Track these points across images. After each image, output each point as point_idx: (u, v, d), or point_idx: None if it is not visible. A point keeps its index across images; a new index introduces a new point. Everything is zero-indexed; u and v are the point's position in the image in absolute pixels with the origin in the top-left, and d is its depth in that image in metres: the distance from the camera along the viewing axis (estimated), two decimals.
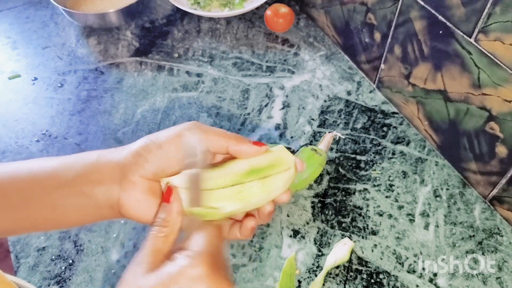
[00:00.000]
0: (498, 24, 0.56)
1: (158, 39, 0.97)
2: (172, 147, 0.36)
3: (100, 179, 0.36)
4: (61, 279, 0.63)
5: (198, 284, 0.31)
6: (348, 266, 0.63)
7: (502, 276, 0.62)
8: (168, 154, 0.36)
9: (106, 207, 0.37)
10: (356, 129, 0.80)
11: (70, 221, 0.38)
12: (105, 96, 0.86)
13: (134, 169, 0.36)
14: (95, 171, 0.36)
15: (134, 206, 0.36)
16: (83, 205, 0.36)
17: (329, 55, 0.93)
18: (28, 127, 0.81)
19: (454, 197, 0.70)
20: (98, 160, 0.37)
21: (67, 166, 0.37)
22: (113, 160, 0.36)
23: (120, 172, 0.36)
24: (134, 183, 0.36)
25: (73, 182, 0.36)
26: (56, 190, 0.36)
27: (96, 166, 0.36)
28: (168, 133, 0.37)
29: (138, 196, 0.36)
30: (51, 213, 0.37)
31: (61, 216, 0.37)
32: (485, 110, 0.63)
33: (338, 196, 0.71)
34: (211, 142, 0.37)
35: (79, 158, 0.38)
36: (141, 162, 0.36)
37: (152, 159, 0.36)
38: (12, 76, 0.90)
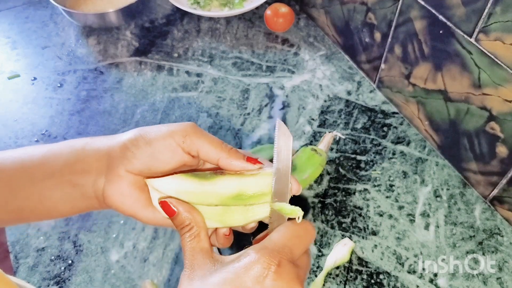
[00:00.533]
0: (499, 24, 0.56)
1: (158, 39, 0.97)
2: (160, 146, 0.35)
3: (86, 169, 0.35)
4: (61, 279, 0.62)
5: (260, 280, 0.30)
6: (348, 267, 0.63)
7: (503, 277, 0.62)
8: (156, 152, 0.35)
9: (92, 198, 0.36)
10: (356, 129, 0.80)
11: (57, 212, 0.38)
12: (105, 96, 0.86)
13: (121, 162, 0.35)
14: (82, 160, 0.36)
15: (119, 199, 0.35)
16: (70, 196, 0.36)
17: (329, 55, 0.93)
18: (27, 127, 0.81)
19: (454, 197, 0.70)
20: (85, 149, 0.36)
21: (55, 154, 0.36)
22: (101, 150, 0.36)
23: (106, 163, 0.35)
24: (119, 176, 0.35)
25: (60, 172, 0.35)
26: (43, 180, 0.36)
27: (83, 154, 0.36)
28: (160, 131, 0.36)
29: (123, 189, 0.35)
30: (38, 204, 0.36)
31: (48, 207, 0.37)
32: (485, 110, 0.63)
33: (338, 196, 0.71)
34: (203, 150, 0.36)
35: (66, 145, 0.37)
36: (128, 156, 0.35)
37: (140, 156, 0.35)
38: (11, 76, 0.90)
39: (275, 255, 0.31)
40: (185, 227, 0.35)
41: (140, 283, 0.62)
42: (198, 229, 0.35)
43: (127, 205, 0.36)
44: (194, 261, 0.33)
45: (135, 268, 0.63)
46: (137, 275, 0.63)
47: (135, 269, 0.63)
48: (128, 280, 0.62)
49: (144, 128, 0.37)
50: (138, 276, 0.63)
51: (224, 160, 0.36)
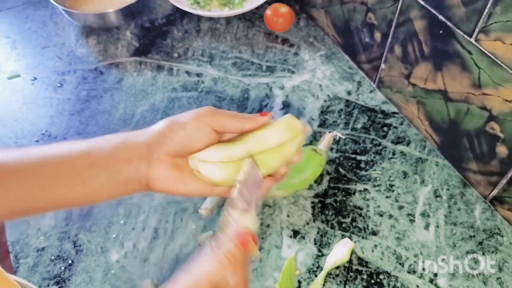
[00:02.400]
0: (499, 24, 0.56)
1: (158, 39, 0.97)
2: (193, 128, 0.41)
3: (129, 158, 0.40)
4: (61, 279, 0.62)
5: None
6: (348, 267, 0.63)
7: (503, 277, 0.62)
8: (189, 134, 0.41)
9: (135, 182, 0.40)
10: (356, 129, 0.80)
11: (100, 196, 0.41)
12: (105, 96, 0.86)
13: (159, 147, 0.40)
14: (124, 151, 0.40)
15: (161, 180, 0.40)
16: (113, 182, 0.40)
17: (329, 55, 0.93)
18: (27, 127, 0.81)
19: (454, 197, 0.70)
20: (126, 141, 0.40)
21: (96, 148, 0.40)
22: (140, 141, 0.40)
23: (147, 150, 0.40)
24: (160, 160, 0.40)
25: (103, 161, 0.39)
26: (87, 169, 0.39)
27: (124, 146, 0.40)
28: (189, 115, 0.42)
29: (164, 171, 0.40)
30: (82, 189, 0.39)
31: (92, 192, 0.40)
32: (485, 110, 0.63)
33: (338, 196, 0.71)
34: (228, 124, 0.42)
35: (107, 140, 0.41)
36: (166, 141, 0.40)
37: (176, 138, 0.40)
38: (11, 76, 0.90)
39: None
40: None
41: (140, 283, 0.62)
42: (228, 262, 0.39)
43: (170, 184, 0.41)
44: None
45: (135, 268, 0.63)
46: (137, 275, 0.63)
47: (135, 269, 0.63)
48: (128, 280, 0.62)
49: (174, 116, 0.42)
50: (138, 276, 0.63)
51: (246, 126, 0.43)
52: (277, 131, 0.44)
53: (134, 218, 0.69)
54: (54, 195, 0.39)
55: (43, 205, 0.40)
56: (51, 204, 0.40)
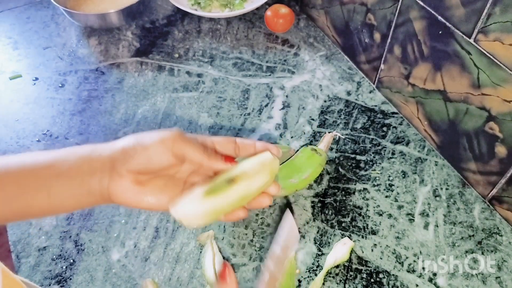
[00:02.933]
0: (498, 24, 0.56)
1: (159, 39, 0.98)
2: (154, 151, 0.41)
3: (92, 171, 0.40)
4: (62, 278, 0.63)
5: None
6: (348, 266, 0.64)
7: (502, 276, 0.62)
8: (150, 156, 0.41)
9: (97, 195, 0.41)
10: (356, 129, 0.80)
11: (64, 207, 0.41)
12: (106, 96, 0.86)
13: (122, 163, 0.40)
14: (87, 163, 0.40)
15: (122, 194, 0.41)
16: (76, 193, 0.40)
17: (329, 55, 0.93)
18: (29, 127, 0.81)
19: (453, 197, 0.71)
20: (91, 154, 0.41)
21: (61, 159, 0.41)
22: (104, 155, 0.41)
23: (109, 164, 0.40)
24: (121, 175, 0.40)
25: (68, 172, 0.40)
26: (51, 179, 0.39)
27: (89, 159, 0.41)
28: (153, 138, 0.42)
29: (125, 186, 0.40)
30: (46, 200, 0.40)
31: (56, 203, 0.40)
32: (484, 110, 0.63)
33: (338, 196, 0.71)
34: (188, 155, 0.42)
35: (72, 151, 0.41)
36: (128, 158, 0.41)
37: (137, 158, 0.41)
38: (13, 76, 0.90)
39: None
40: None
41: (141, 282, 0.62)
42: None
43: (130, 197, 0.41)
44: None
45: (136, 267, 0.64)
46: (138, 274, 0.63)
47: (136, 268, 0.64)
48: (129, 279, 0.63)
49: (139, 135, 0.42)
50: (139, 275, 0.63)
51: (206, 163, 0.42)
52: (260, 177, 0.43)
53: (135, 218, 0.69)
54: (19, 206, 0.39)
55: (7, 216, 0.41)
56: (15, 215, 0.41)
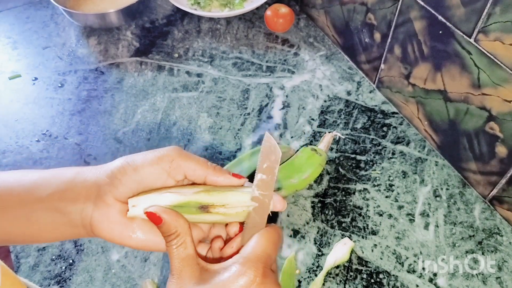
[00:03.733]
0: (498, 24, 0.56)
1: (158, 39, 0.98)
2: (148, 172, 0.36)
3: (75, 198, 0.36)
4: (61, 279, 0.63)
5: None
6: (348, 266, 0.63)
7: (502, 276, 0.62)
8: (142, 178, 0.36)
9: (79, 226, 0.36)
10: (356, 129, 0.80)
11: (44, 237, 0.38)
12: (105, 96, 0.86)
13: (109, 190, 0.36)
14: (71, 189, 0.36)
15: (107, 226, 0.36)
16: (57, 222, 0.36)
17: (329, 55, 0.93)
18: (28, 127, 0.81)
19: (454, 197, 0.71)
20: (75, 178, 0.37)
21: (45, 182, 0.37)
22: (89, 179, 0.37)
23: (95, 192, 0.36)
24: (107, 204, 0.36)
25: (49, 198, 0.36)
26: (32, 204, 0.36)
27: (72, 184, 0.37)
28: (145, 157, 0.37)
29: (112, 217, 0.36)
30: (26, 227, 0.37)
31: (35, 231, 0.37)
32: (485, 110, 0.63)
33: (338, 196, 0.71)
34: (189, 171, 0.37)
35: (57, 174, 0.38)
36: (116, 183, 0.36)
37: (126, 182, 0.36)
38: (12, 76, 0.90)
39: (259, 265, 0.33)
40: (171, 235, 0.35)
41: (140, 283, 0.62)
42: (184, 236, 0.35)
43: (116, 232, 0.36)
44: (181, 268, 0.34)
45: (135, 268, 0.64)
46: (138, 274, 0.63)
47: (135, 269, 0.64)
48: (129, 280, 0.62)
49: (131, 156, 0.37)
50: (139, 275, 0.63)
51: (211, 177, 0.38)
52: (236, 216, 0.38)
53: None
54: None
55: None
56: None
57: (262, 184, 0.37)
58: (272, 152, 0.38)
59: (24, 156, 0.77)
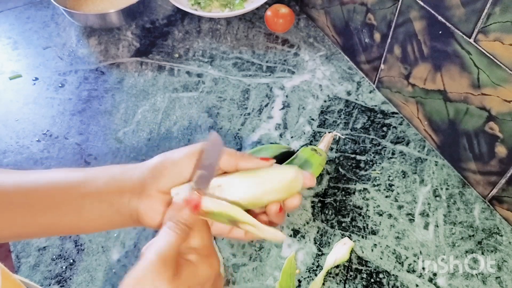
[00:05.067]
0: (498, 24, 0.56)
1: (159, 39, 0.98)
2: (185, 165, 0.39)
3: (122, 191, 0.39)
4: (62, 278, 0.63)
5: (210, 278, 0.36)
6: (348, 266, 0.64)
7: (502, 276, 0.62)
8: (181, 171, 0.39)
9: (127, 215, 0.40)
10: (356, 129, 0.80)
11: (93, 227, 0.41)
12: (106, 96, 0.86)
13: (151, 183, 0.39)
14: (117, 184, 0.40)
15: (151, 216, 0.39)
16: (106, 212, 0.39)
17: (329, 55, 0.93)
18: (29, 127, 0.81)
19: (453, 197, 0.71)
20: (121, 174, 0.40)
21: (91, 178, 0.40)
22: (134, 175, 0.40)
23: (139, 185, 0.39)
24: (151, 196, 0.39)
25: (98, 192, 0.39)
26: (81, 198, 0.39)
27: (119, 179, 0.40)
28: (182, 152, 0.40)
29: (155, 207, 0.39)
30: (75, 218, 0.39)
31: (84, 222, 0.40)
32: (484, 110, 0.63)
33: (338, 195, 0.71)
34: (222, 161, 0.40)
35: (103, 171, 0.41)
36: (157, 176, 0.39)
37: (167, 174, 0.39)
38: (13, 76, 0.90)
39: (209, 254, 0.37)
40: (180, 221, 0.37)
41: None
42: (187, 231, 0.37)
43: (159, 220, 0.39)
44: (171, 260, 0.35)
45: None
46: None
47: None
48: None
49: (168, 152, 0.41)
50: None
51: (242, 164, 0.40)
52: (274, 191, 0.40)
53: None
54: (46, 223, 0.39)
55: (34, 232, 0.41)
56: (42, 231, 0.41)
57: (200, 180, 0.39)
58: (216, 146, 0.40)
59: (24, 156, 0.77)
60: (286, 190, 0.40)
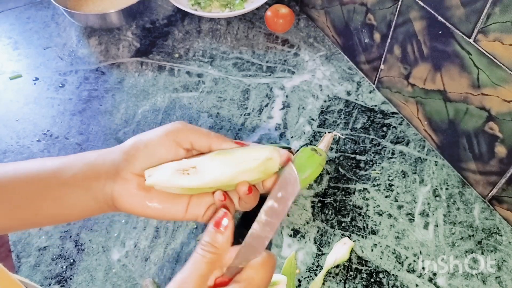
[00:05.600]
0: (498, 24, 0.56)
1: (159, 39, 0.98)
2: (158, 145, 0.39)
3: (97, 176, 0.39)
4: (62, 278, 0.63)
5: None
6: (348, 266, 0.64)
7: (502, 276, 0.62)
8: (154, 152, 0.39)
9: (102, 201, 0.39)
10: (356, 129, 0.80)
11: (71, 215, 0.41)
12: (106, 96, 0.87)
13: (125, 166, 0.39)
14: (93, 169, 0.39)
15: (126, 199, 0.39)
16: (82, 199, 0.39)
17: (329, 55, 0.93)
18: (29, 127, 0.81)
19: (453, 197, 0.71)
20: (96, 160, 0.40)
21: (68, 166, 0.40)
22: (108, 159, 0.40)
23: (114, 169, 0.39)
24: (125, 179, 0.39)
25: (73, 179, 0.39)
26: (58, 187, 0.39)
27: (94, 164, 0.39)
28: (155, 132, 0.40)
29: (129, 190, 0.39)
30: (53, 208, 0.39)
31: (63, 211, 0.40)
32: (484, 110, 0.63)
33: (338, 195, 0.71)
34: (195, 141, 0.40)
35: (79, 158, 0.40)
36: (130, 159, 0.39)
37: (140, 157, 0.39)
38: (13, 76, 0.90)
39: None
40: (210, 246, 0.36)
41: (141, 282, 0.62)
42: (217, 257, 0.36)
43: (135, 203, 0.39)
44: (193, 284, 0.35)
45: (136, 267, 0.64)
46: (139, 274, 0.63)
47: (136, 268, 0.64)
48: (129, 279, 0.63)
49: (141, 134, 0.40)
50: (139, 275, 0.63)
51: (215, 146, 0.40)
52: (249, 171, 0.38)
53: (135, 217, 0.69)
54: (26, 214, 0.39)
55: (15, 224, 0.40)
56: (23, 223, 0.40)
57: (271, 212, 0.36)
58: (291, 184, 0.36)
59: (25, 156, 0.77)
60: (262, 170, 0.38)
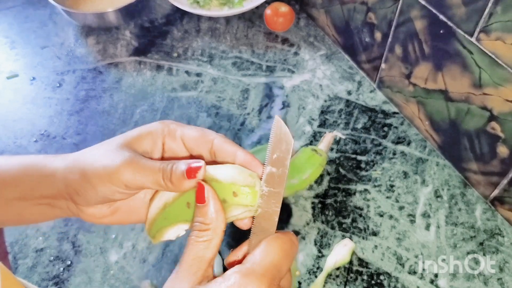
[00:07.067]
0: (500, 23, 0.56)
1: (157, 38, 0.97)
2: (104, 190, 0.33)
3: (56, 195, 0.36)
4: (60, 280, 0.62)
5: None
6: (348, 267, 0.63)
7: (503, 277, 0.62)
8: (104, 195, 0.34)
9: (69, 213, 0.38)
10: (357, 129, 0.79)
11: (37, 221, 0.40)
12: (104, 96, 0.86)
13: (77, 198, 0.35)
14: (52, 187, 0.36)
15: (93, 219, 0.37)
16: (47, 211, 0.37)
17: (329, 54, 0.93)
18: (26, 127, 0.81)
19: (455, 198, 0.70)
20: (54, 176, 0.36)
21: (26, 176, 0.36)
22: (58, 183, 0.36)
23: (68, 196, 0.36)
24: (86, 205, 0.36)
25: (33, 196, 0.36)
26: (19, 201, 0.36)
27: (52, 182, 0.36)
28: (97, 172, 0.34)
29: (95, 212, 0.37)
30: (17, 217, 0.38)
31: (27, 220, 0.39)
32: (486, 110, 0.63)
33: (338, 196, 0.71)
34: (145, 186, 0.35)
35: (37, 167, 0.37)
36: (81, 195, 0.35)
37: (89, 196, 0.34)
38: (10, 76, 0.90)
39: (263, 280, 0.29)
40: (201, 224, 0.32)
41: (139, 284, 0.62)
42: (212, 234, 0.32)
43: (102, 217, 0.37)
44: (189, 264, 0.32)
45: (134, 269, 0.63)
46: (136, 275, 0.63)
47: (134, 270, 0.63)
48: (127, 281, 0.62)
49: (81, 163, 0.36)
50: (137, 277, 0.63)
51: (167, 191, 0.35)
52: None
53: None
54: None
55: None
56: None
57: (271, 179, 0.32)
58: (283, 140, 0.32)
59: None
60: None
